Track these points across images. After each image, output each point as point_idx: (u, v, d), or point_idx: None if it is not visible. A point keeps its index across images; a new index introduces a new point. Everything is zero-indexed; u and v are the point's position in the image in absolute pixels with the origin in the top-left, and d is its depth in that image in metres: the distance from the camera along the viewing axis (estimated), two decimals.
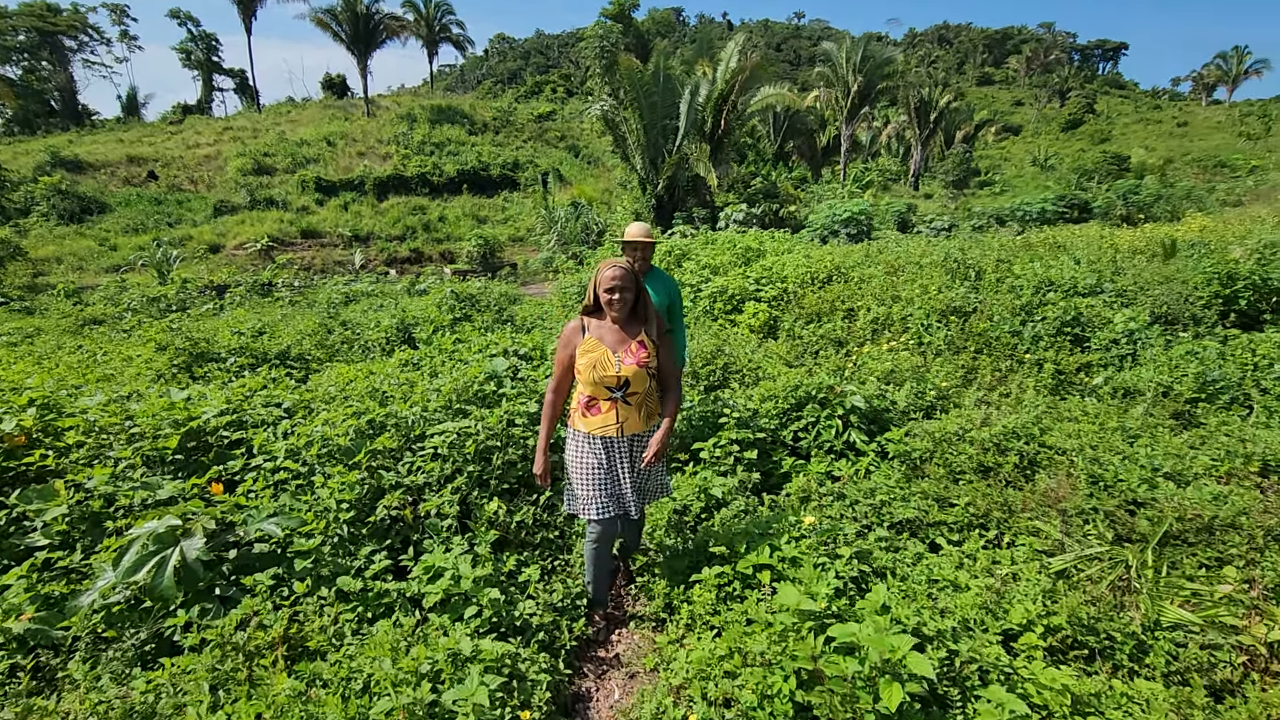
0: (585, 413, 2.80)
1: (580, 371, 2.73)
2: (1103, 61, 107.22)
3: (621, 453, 2.80)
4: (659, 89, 22.05)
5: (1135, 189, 26.81)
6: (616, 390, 2.71)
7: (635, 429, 2.78)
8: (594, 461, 2.80)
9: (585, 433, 2.80)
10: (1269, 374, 5.13)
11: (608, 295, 2.69)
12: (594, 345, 2.73)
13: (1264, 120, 67.04)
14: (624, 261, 2.76)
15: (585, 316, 2.84)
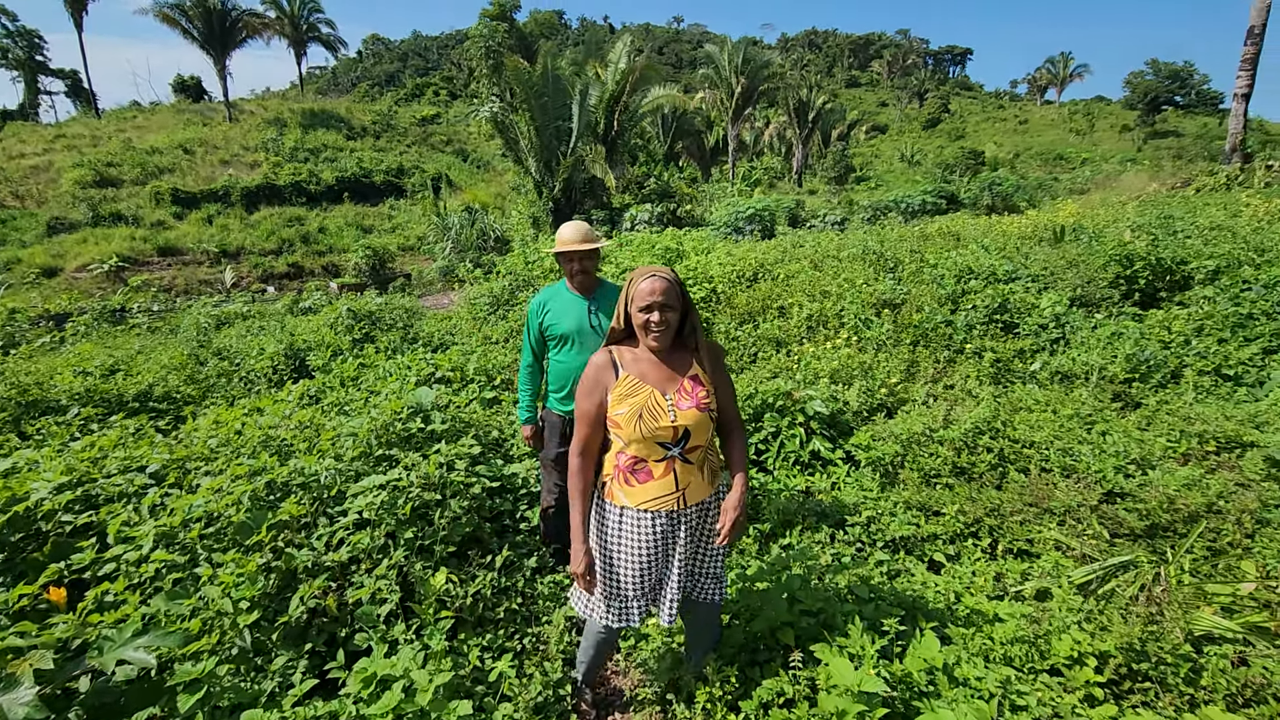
0: (629, 480, 2.10)
1: (620, 424, 2.04)
2: (952, 65, 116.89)
3: (689, 528, 2.14)
4: (549, 90, 21.48)
5: (998, 181, 28.92)
6: (674, 445, 2.05)
7: (700, 494, 2.12)
8: (645, 547, 2.10)
9: (634, 508, 2.10)
10: (1188, 350, 5.32)
11: (645, 315, 2.02)
12: (634, 386, 2.06)
13: (1088, 118, 75.44)
14: (665, 271, 2.08)
15: (614, 348, 2.17)
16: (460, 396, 5.04)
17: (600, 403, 2.10)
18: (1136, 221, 9.77)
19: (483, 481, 3.22)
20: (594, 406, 2.10)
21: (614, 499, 2.13)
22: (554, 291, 3.18)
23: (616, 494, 2.12)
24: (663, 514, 2.10)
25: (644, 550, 2.10)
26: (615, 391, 2.07)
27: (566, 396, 3.10)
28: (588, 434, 2.12)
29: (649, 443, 2.05)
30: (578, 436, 2.14)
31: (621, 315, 2.14)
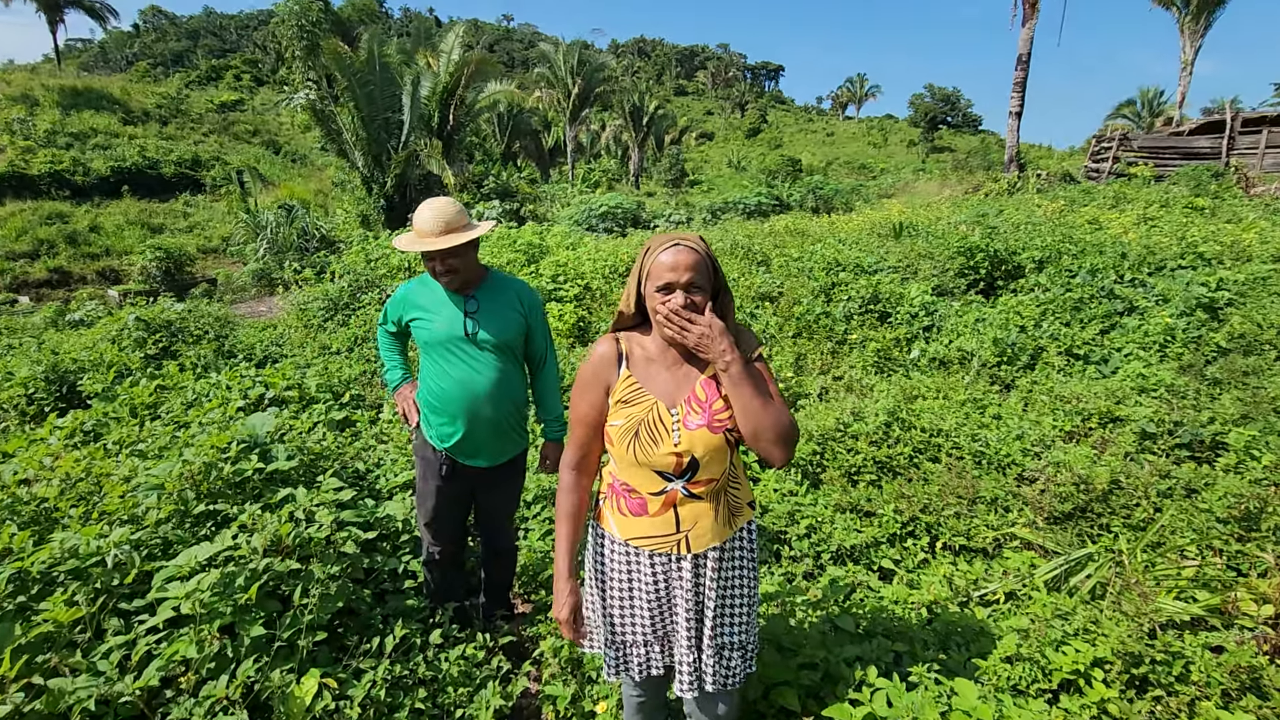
0: (621, 508, 1.64)
1: (612, 438, 1.57)
2: (767, 80, 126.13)
3: (682, 582, 1.61)
4: (376, 79, 19.73)
5: (819, 185, 31.24)
6: (677, 476, 1.55)
7: (711, 539, 1.59)
8: (643, 586, 1.63)
9: (622, 540, 1.64)
10: (1041, 333, 5.70)
11: (663, 298, 1.48)
12: (635, 393, 1.56)
13: (882, 132, 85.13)
14: (692, 238, 1.51)
15: (623, 335, 1.65)
16: (301, 420, 4.07)
17: (599, 404, 1.60)
18: (956, 220, 10.72)
19: (355, 535, 2.44)
20: (590, 408, 1.61)
21: (602, 523, 1.70)
22: (423, 285, 2.39)
23: (607, 519, 1.68)
24: (661, 555, 1.61)
25: (639, 590, 1.64)
26: (615, 394, 1.58)
27: (447, 423, 2.35)
28: (583, 442, 1.64)
29: (644, 470, 1.55)
30: (570, 444, 1.67)
31: (633, 295, 1.58)
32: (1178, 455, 3.88)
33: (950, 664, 2.15)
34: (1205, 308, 5.74)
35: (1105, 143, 19.27)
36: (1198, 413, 4.16)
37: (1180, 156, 17.72)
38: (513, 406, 2.43)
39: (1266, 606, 2.42)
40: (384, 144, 20.32)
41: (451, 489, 2.42)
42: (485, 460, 2.42)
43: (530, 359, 2.52)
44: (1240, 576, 2.77)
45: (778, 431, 1.45)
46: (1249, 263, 7.04)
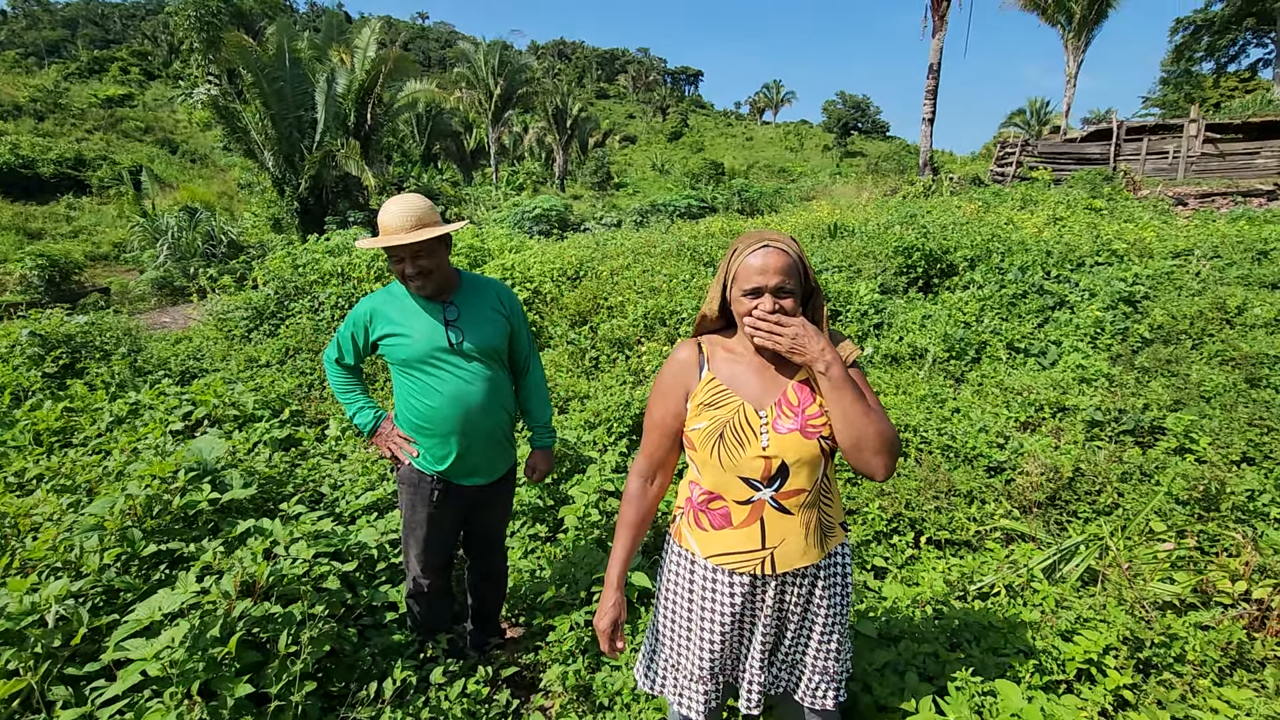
0: (700, 521, 1.52)
1: (694, 445, 1.47)
2: (687, 84, 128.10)
3: (765, 608, 1.50)
4: (286, 74, 18.69)
5: (745, 188, 31.92)
6: (765, 484, 1.43)
7: (799, 559, 1.47)
8: (719, 613, 1.50)
9: (704, 559, 1.51)
10: (982, 328, 5.94)
11: (751, 302, 1.38)
12: (720, 394, 1.45)
13: (799, 137, 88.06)
14: (782, 238, 1.40)
15: (705, 338, 1.54)
16: (239, 440, 3.71)
17: (676, 411, 1.51)
18: (885, 221, 11.13)
19: (334, 568, 2.20)
20: (665, 414, 1.52)
21: (681, 541, 1.58)
22: (391, 296, 2.15)
23: (685, 535, 1.56)
24: (744, 576, 1.48)
25: (718, 616, 1.51)
26: (697, 396, 1.48)
27: (439, 444, 2.14)
28: (655, 450, 1.56)
29: (729, 476, 1.44)
30: (641, 452, 1.59)
31: (717, 298, 1.48)
32: (1124, 441, 4.10)
33: (972, 662, 2.14)
34: (1126, 301, 6.15)
35: (1008, 148, 20.57)
36: (1136, 399, 4.42)
37: (1074, 162, 19.12)
38: (506, 416, 2.27)
39: (1240, 583, 2.55)
40: (296, 144, 19.24)
41: (445, 515, 2.21)
42: (482, 478, 2.24)
43: (515, 363, 2.35)
44: (1203, 554, 2.93)
45: (881, 441, 1.34)
46: (1152, 259, 7.62)
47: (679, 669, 1.61)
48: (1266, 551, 2.78)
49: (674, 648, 1.61)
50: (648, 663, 1.71)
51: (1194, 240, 8.29)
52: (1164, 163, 18.36)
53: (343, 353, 2.19)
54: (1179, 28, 38.31)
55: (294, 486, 3.11)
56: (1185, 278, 6.78)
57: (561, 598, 2.68)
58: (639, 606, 2.64)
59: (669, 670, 1.63)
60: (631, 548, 1.60)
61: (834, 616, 1.56)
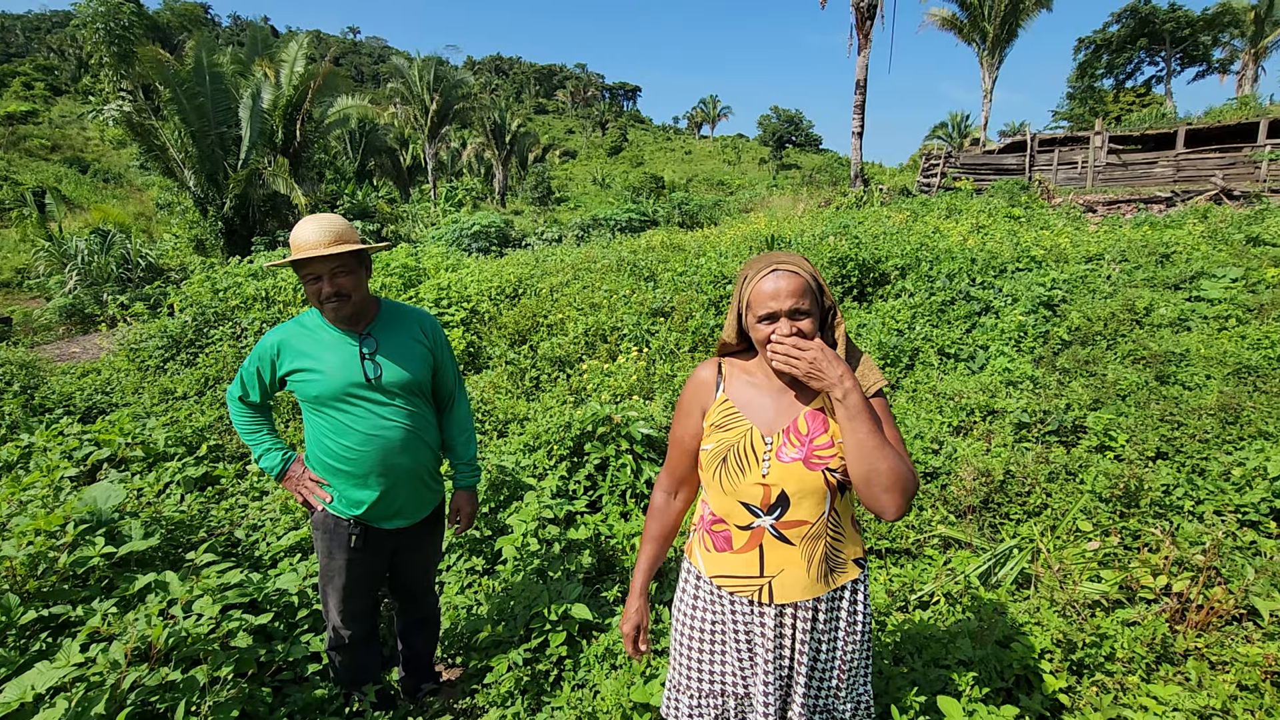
0: (707, 541, 1.53)
1: (702, 463, 1.50)
2: (625, 100, 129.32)
3: (764, 635, 1.45)
4: (207, 90, 17.97)
5: (685, 201, 32.30)
6: (765, 512, 1.40)
7: (800, 592, 1.42)
8: (713, 627, 1.52)
9: (707, 577, 1.52)
10: (915, 335, 6.11)
11: (768, 327, 1.36)
12: (730, 416, 1.45)
13: (736, 151, 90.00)
14: (794, 260, 1.38)
15: (725, 360, 1.55)
16: (147, 481, 3.45)
17: (694, 429, 1.53)
18: (820, 232, 11.40)
19: (246, 622, 2.03)
20: (685, 433, 1.54)
21: (691, 557, 1.60)
22: (302, 327, 2.00)
23: (694, 552, 1.59)
24: (742, 600, 1.47)
25: (718, 634, 1.52)
26: (709, 418, 1.49)
27: (357, 485, 2.00)
28: (676, 466, 1.59)
29: (730, 500, 1.44)
30: (665, 467, 1.63)
31: (734, 325, 1.49)
32: (1050, 441, 4.25)
33: (914, 676, 2.14)
34: (1046, 304, 6.43)
35: (933, 160, 21.49)
36: (1059, 400, 4.61)
37: (994, 172, 20.11)
38: (430, 453, 2.15)
39: (1161, 577, 2.64)
40: (219, 161, 18.46)
41: (366, 561, 2.07)
42: (405, 520, 2.11)
43: (439, 397, 2.23)
44: (1127, 551, 3.04)
45: (894, 478, 1.27)
46: (1067, 264, 8.03)
47: (687, 690, 1.57)
48: (1183, 545, 2.90)
49: (684, 666, 1.58)
50: (670, 687, 1.65)
51: (1104, 245, 8.78)
52: (1074, 172, 19.51)
53: (247, 389, 2.03)
54: (1081, 47, 41.01)
55: (207, 531, 2.89)
56: (1098, 281, 7.15)
57: (499, 636, 2.56)
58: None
59: (680, 693, 1.59)
60: (654, 558, 1.62)
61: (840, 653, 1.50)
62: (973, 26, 28.09)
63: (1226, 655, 2.32)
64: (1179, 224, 11.24)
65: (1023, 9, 26.54)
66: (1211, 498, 3.39)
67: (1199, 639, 2.41)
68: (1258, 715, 2.02)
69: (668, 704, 1.63)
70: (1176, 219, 12.28)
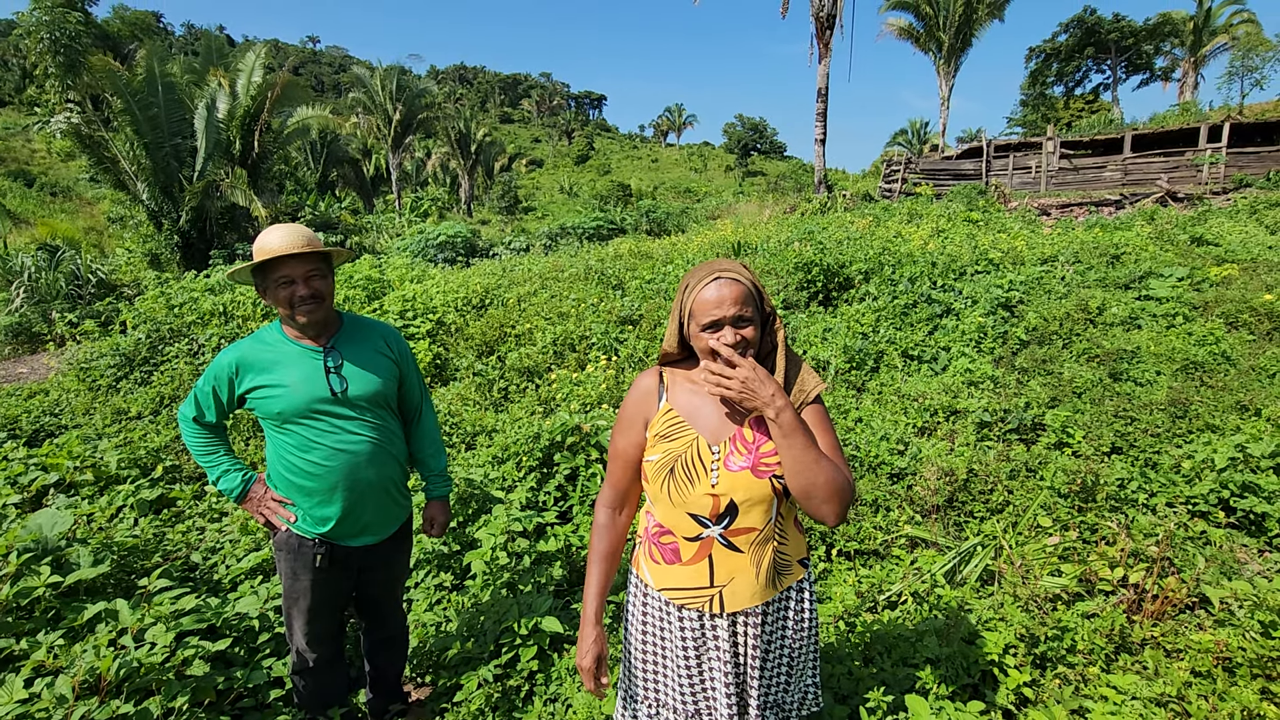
0: (654, 554, 1.50)
1: (647, 475, 1.46)
2: (591, 109, 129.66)
3: (718, 646, 1.45)
4: (160, 100, 17.55)
5: (652, 209, 32.43)
6: (714, 521, 1.40)
7: (750, 599, 1.43)
8: (666, 641, 1.50)
9: (656, 591, 1.50)
10: (879, 338, 6.21)
11: (712, 336, 1.36)
12: (675, 426, 1.44)
13: (702, 158, 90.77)
14: (735, 268, 1.38)
15: (667, 369, 1.52)
16: (99, 506, 3.33)
17: (637, 441, 1.49)
18: (785, 238, 11.55)
19: (202, 649, 1.97)
20: (628, 444, 1.50)
21: (638, 569, 1.56)
22: (261, 343, 1.96)
23: (642, 566, 1.55)
24: (692, 612, 1.45)
25: (671, 647, 1.49)
26: (653, 428, 1.46)
27: (322, 503, 1.96)
28: (620, 480, 1.54)
29: (678, 512, 1.42)
30: (607, 481, 1.57)
31: (675, 334, 1.46)
32: (1010, 440, 4.36)
33: (883, 676, 2.16)
34: (1004, 306, 6.61)
35: (894, 166, 21.97)
36: (1019, 399, 4.72)
37: (952, 177, 20.64)
38: (397, 467, 2.12)
39: (1118, 569, 2.72)
40: (174, 173, 18.01)
41: (332, 580, 2.02)
42: (372, 536, 2.06)
43: (405, 409, 2.21)
44: (1086, 544, 3.13)
45: (831, 489, 1.30)
46: (1024, 266, 8.26)
47: (645, 700, 1.55)
48: (1138, 537, 3.00)
49: (640, 679, 1.55)
50: (622, 697, 1.63)
51: (1058, 247, 9.05)
52: (1028, 177, 20.11)
53: (202, 410, 1.97)
54: (1032, 55, 42.40)
55: (162, 556, 2.79)
56: (1053, 282, 7.37)
57: (469, 652, 2.52)
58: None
59: (638, 705, 1.57)
60: (605, 579, 1.55)
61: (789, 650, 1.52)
62: (929, 36, 28.83)
63: (1181, 643, 2.39)
64: (1128, 226, 11.66)
65: (976, 19, 27.34)
66: (1164, 490, 3.52)
67: (1155, 628, 2.49)
68: (1210, 700, 2.09)
69: (623, 715, 1.62)
70: (1125, 221, 12.75)
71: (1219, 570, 2.78)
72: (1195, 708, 2.06)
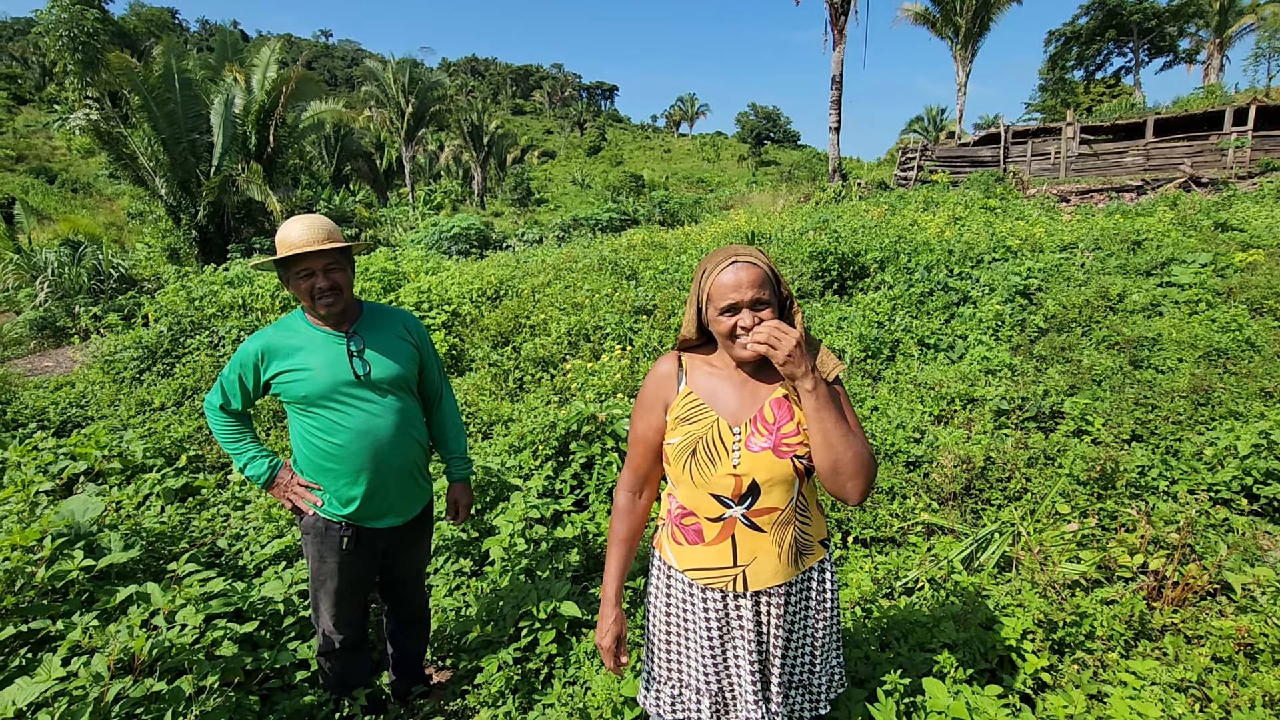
0: (677, 535, 1.52)
1: (669, 460, 1.48)
2: (603, 99, 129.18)
3: (742, 625, 1.48)
4: (177, 96, 17.72)
5: (665, 199, 32.32)
6: (736, 501, 1.41)
7: (773, 578, 1.45)
8: (703, 624, 1.49)
9: (680, 572, 1.51)
10: (895, 327, 6.17)
11: (729, 320, 1.37)
12: (696, 409, 1.45)
13: (715, 148, 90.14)
14: (750, 252, 1.39)
15: (685, 354, 1.54)
16: (126, 494, 3.40)
17: (657, 425, 1.50)
18: (800, 227, 11.49)
19: (232, 631, 2.02)
20: (648, 428, 1.51)
21: (661, 552, 1.58)
22: (285, 329, 2.01)
23: (665, 547, 1.56)
24: (716, 592, 1.47)
25: (696, 627, 1.51)
26: (673, 411, 1.47)
27: (349, 484, 2.00)
28: (640, 464, 1.56)
29: (701, 493, 1.43)
30: (627, 465, 1.59)
31: (694, 319, 1.47)
32: (1029, 427, 4.32)
33: (900, 661, 2.17)
34: (1022, 293, 6.53)
35: (909, 153, 21.72)
36: (1037, 387, 4.68)
37: (969, 164, 20.37)
38: (419, 448, 2.16)
39: (1138, 556, 2.70)
40: (191, 169, 18.22)
41: (358, 563, 2.06)
42: (396, 518, 2.11)
43: (425, 393, 2.26)
44: (1105, 531, 3.11)
45: (858, 464, 1.32)
46: (1042, 253, 8.15)
47: (669, 681, 1.58)
48: (1158, 524, 2.97)
49: (663, 660, 1.58)
50: (645, 679, 1.66)
51: (1077, 234, 8.92)
52: (1047, 163, 19.80)
53: (228, 398, 2.02)
54: (1051, 39, 41.62)
55: (189, 542, 2.86)
56: (1072, 269, 7.27)
57: (489, 636, 2.56)
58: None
59: (661, 685, 1.59)
60: (624, 561, 1.58)
61: (812, 629, 1.54)
62: (945, 21, 28.40)
63: (1201, 629, 2.38)
64: (1150, 212, 11.45)
65: (994, 3, 26.89)
66: (1185, 477, 3.48)
67: (1175, 615, 2.47)
68: (1231, 686, 2.08)
69: (646, 696, 1.64)
70: (1147, 207, 12.52)
71: (1241, 557, 2.75)
72: (1216, 693, 2.05)
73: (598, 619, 1.59)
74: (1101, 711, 1.95)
